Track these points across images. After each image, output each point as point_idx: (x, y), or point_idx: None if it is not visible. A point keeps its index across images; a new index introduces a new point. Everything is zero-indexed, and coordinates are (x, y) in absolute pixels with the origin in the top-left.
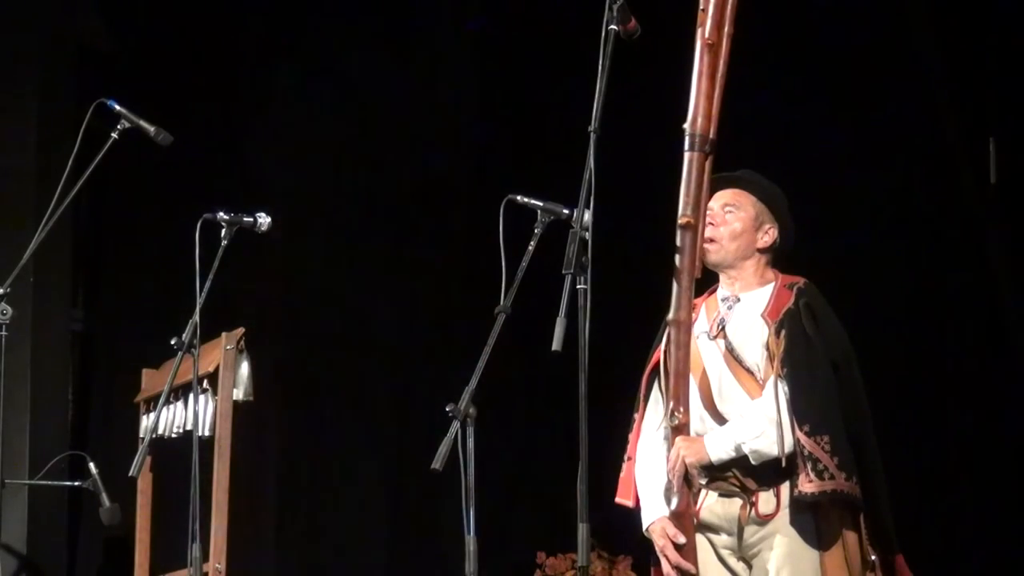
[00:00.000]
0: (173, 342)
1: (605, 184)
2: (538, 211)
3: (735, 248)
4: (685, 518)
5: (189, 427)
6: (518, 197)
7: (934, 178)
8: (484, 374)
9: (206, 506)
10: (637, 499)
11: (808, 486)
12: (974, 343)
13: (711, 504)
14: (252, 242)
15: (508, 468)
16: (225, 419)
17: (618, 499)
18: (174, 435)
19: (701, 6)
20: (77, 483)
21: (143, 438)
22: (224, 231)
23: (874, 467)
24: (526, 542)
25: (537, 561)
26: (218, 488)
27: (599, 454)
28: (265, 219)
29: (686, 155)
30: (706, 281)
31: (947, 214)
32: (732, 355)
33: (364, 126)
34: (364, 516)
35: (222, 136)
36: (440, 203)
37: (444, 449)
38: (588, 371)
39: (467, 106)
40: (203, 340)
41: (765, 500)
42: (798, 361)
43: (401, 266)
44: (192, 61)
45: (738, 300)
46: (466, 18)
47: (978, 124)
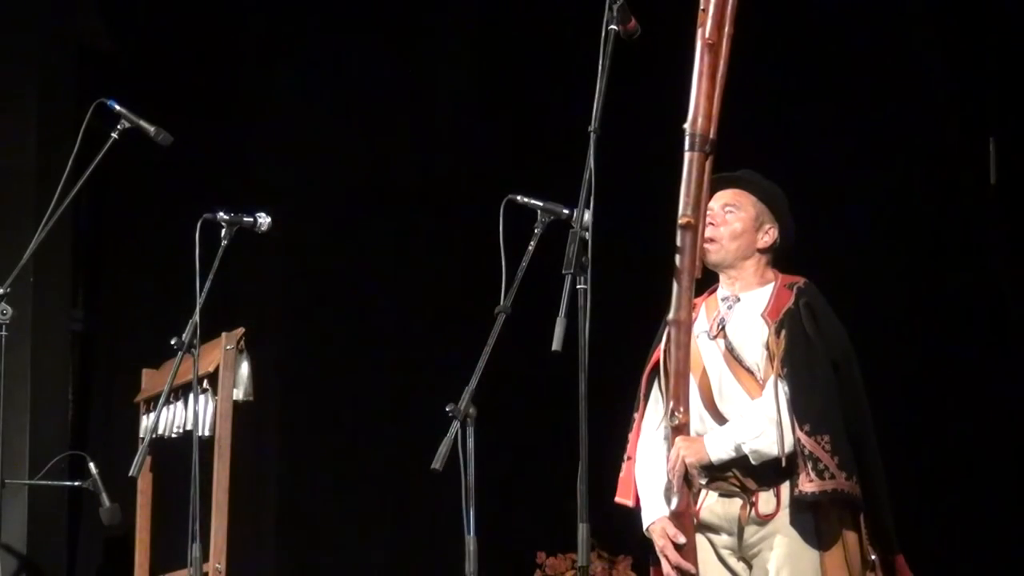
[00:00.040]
0: (173, 342)
1: (605, 184)
2: (538, 211)
3: (735, 248)
4: (685, 518)
5: (189, 427)
6: (518, 197)
7: (934, 178)
8: (484, 374)
9: (206, 506)
10: (637, 499)
11: (809, 486)
12: (974, 343)
13: (711, 504)
14: (252, 242)
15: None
16: (225, 419)
17: (618, 498)
18: (174, 435)
19: (701, 6)
20: (77, 483)
21: (143, 438)
22: (224, 231)
23: (874, 467)
24: (526, 542)
25: (537, 561)
26: (218, 488)
27: (599, 454)
28: (265, 219)
29: (686, 155)
30: (706, 281)
31: (947, 214)
32: (732, 355)
33: (364, 126)
34: (364, 516)
35: (222, 136)
36: (440, 203)
37: (444, 449)
38: (588, 371)
39: (467, 106)
40: (203, 340)
41: (765, 500)
42: (798, 361)
43: (401, 266)
44: (192, 61)
45: (738, 300)
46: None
47: (978, 124)
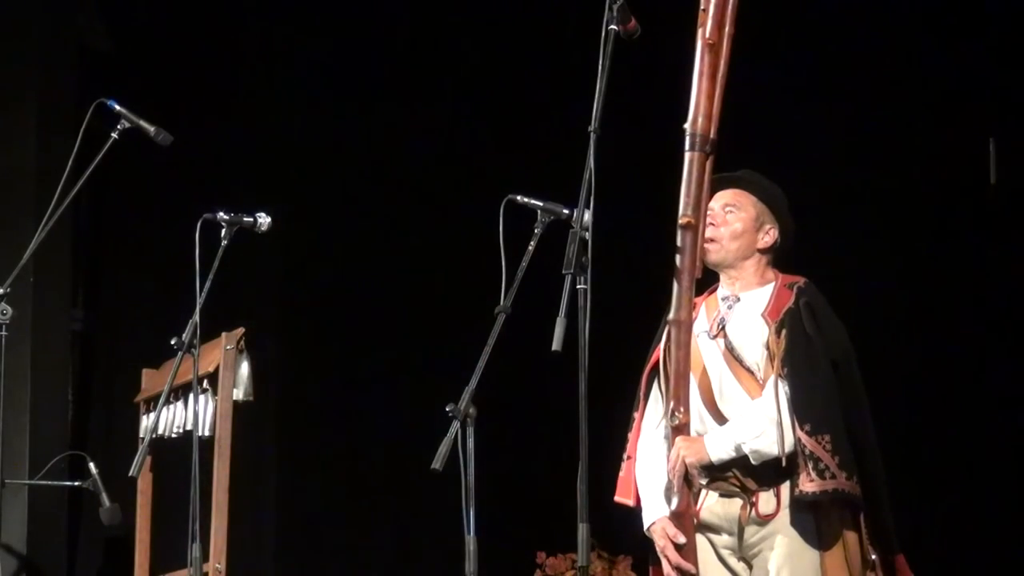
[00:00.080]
0: (173, 342)
1: (605, 184)
2: (538, 211)
3: (736, 248)
4: (685, 518)
5: (189, 427)
6: (518, 197)
7: (934, 178)
8: (484, 374)
9: (206, 506)
10: (637, 498)
11: (809, 485)
12: (974, 343)
13: (711, 504)
14: (252, 242)
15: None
16: (225, 419)
17: (617, 498)
18: (174, 435)
19: (702, 6)
20: (77, 483)
21: (143, 438)
22: (224, 231)
23: (874, 466)
24: (526, 542)
25: (537, 561)
26: (218, 488)
27: (599, 454)
28: (265, 219)
29: (687, 155)
30: (706, 280)
31: (947, 214)
32: (732, 354)
33: (364, 126)
34: (364, 516)
35: (222, 136)
36: (440, 203)
37: (444, 449)
38: (588, 371)
39: (467, 106)
40: (203, 340)
41: (765, 500)
42: (799, 360)
43: (401, 266)
44: (192, 61)
45: (738, 300)
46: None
47: (978, 124)
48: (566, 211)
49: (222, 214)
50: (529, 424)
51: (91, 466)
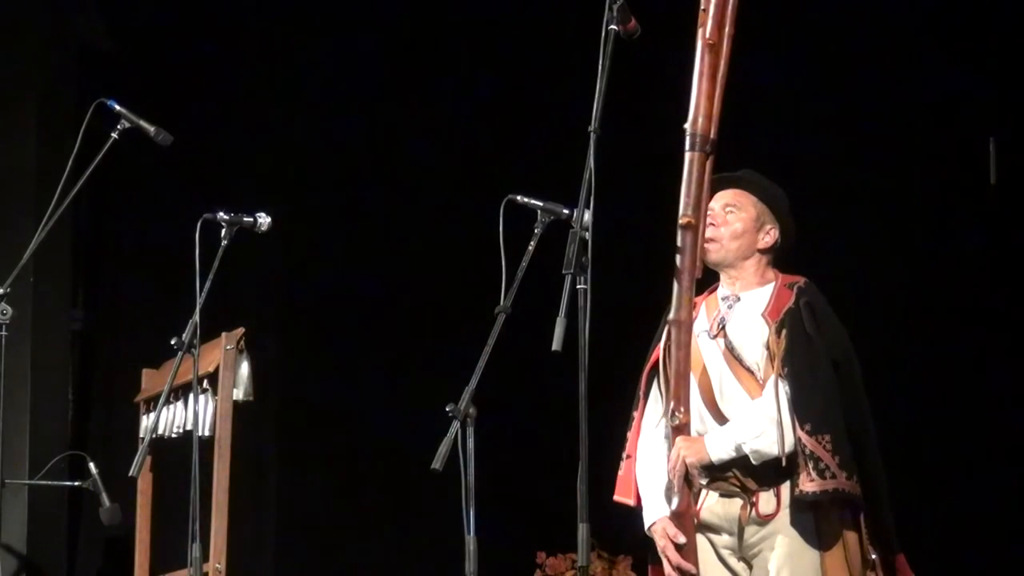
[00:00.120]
0: (173, 342)
1: (605, 184)
2: (538, 211)
3: (736, 248)
4: (686, 518)
5: (189, 427)
6: (518, 197)
7: (934, 178)
8: (484, 374)
9: (206, 506)
10: (638, 497)
11: (810, 485)
12: (974, 343)
13: (711, 504)
14: (252, 242)
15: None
16: (225, 419)
17: (617, 497)
18: (174, 435)
19: (702, 6)
20: (77, 483)
21: (143, 438)
22: (224, 231)
23: (874, 466)
24: (526, 542)
25: (537, 561)
26: (218, 488)
27: (599, 454)
28: (265, 219)
29: (687, 155)
30: (707, 280)
31: (947, 214)
32: (732, 354)
33: (364, 126)
34: (364, 516)
35: (222, 136)
36: (440, 203)
37: (444, 449)
38: (588, 371)
39: (467, 106)
40: (203, 340)
41: (765, 500)
42: (799, 360)
43: (401, 266)
44: (192, 61)
45: (738, 299)
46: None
47: (978, 124)
48: (566, 211)
49: (222, 214)
50: (529, 424)
51: (91, 466)
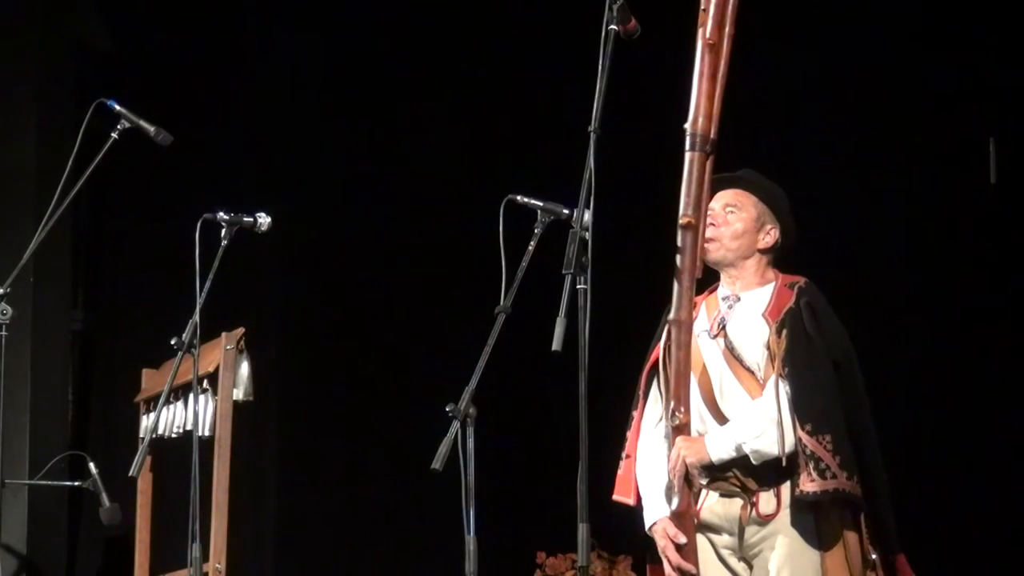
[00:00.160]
0: (173, 342)
1: (605, 184)
2: (538, 211)
3: (736, 247)
4: (686, 518)
5: (189, 427)
6: (518, 197)
7: (934, 178)
8: (484, 374)
9: (206, 506)
10: (637, 497)
11: (810, 485)
12: (974, 342)
13: (712, 504)
14: (252, 242)
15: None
16: (225, 419)
17: (616, 496)
18: (174, 435)
19: (702, 6)
20: (77, 483)
21: (143, 438)
22: (224, 231)
23: (875, 466)
24: (526, 542)
25: (537, 561)
26: (218, 488)
27: (599, 454)
28: (265, 219)
29: (687, 155)
30: (707, 280)
31: (947, 214)
32: (732, 354)
33: (364, 126)
34: (364, 516)
35: (222, 136)
36: (440, 203)
37: (444, 449)
38: (588, 371)
39: (467, 105)
40: (203, 340)
41: (766, 500)
42: (799, 360)
43: (401, 266)
44: (192, 61)
45: (739, 299)
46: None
47: (978, 124)
48: (566, 211)
49: (222, 214)
50: (529, 424)
51: (91, 466)
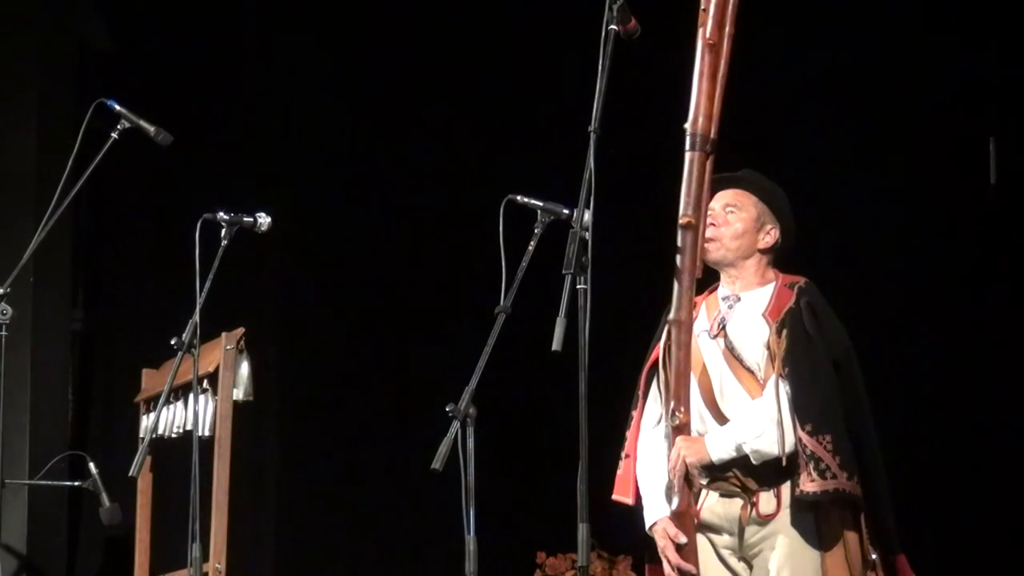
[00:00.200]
0: (173, 342)
1: (605, 184)
2: (538, 211)
3: (736, 247)
4: (686, 518)
5: (189, 427)
6: (518, 197)
7: (934, 178)
8: (484, 374)
9: (206, 506)
10: (636, 496)
11: (810, 486)
12: (974, 342)
13: (712, 504)
14: (252, 242)
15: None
16: (225, 419)
17: (615, 496)
18: (174, 435)
19: (702, 6)
20: (77, 483)
21: (143, 438)
22: (224, 231)
23: (875, 466)
24: (526, 542)
25: (537, 561)
26: (218, 488)
27: (599, 454)
28: (265, 219)
29: (687, 155)
30: (707, 280)
31: (947, 214)
32: (732, 354)
33: (364, 126)
34: (364, 516)
35: (222, 136)
36: (440, 203)
37: (444, 449)
38: (588, 371)
39: (467, 105)
40: (203, 340)
41: (766, 500)
42: (800, 360)
43: (401, 265)
44: (192, 61)
45: (739, 299)
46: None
47: (978, 124)
48: (566, 211)
49: (222, 214)
50: (529, 424)
51: (91, 466)
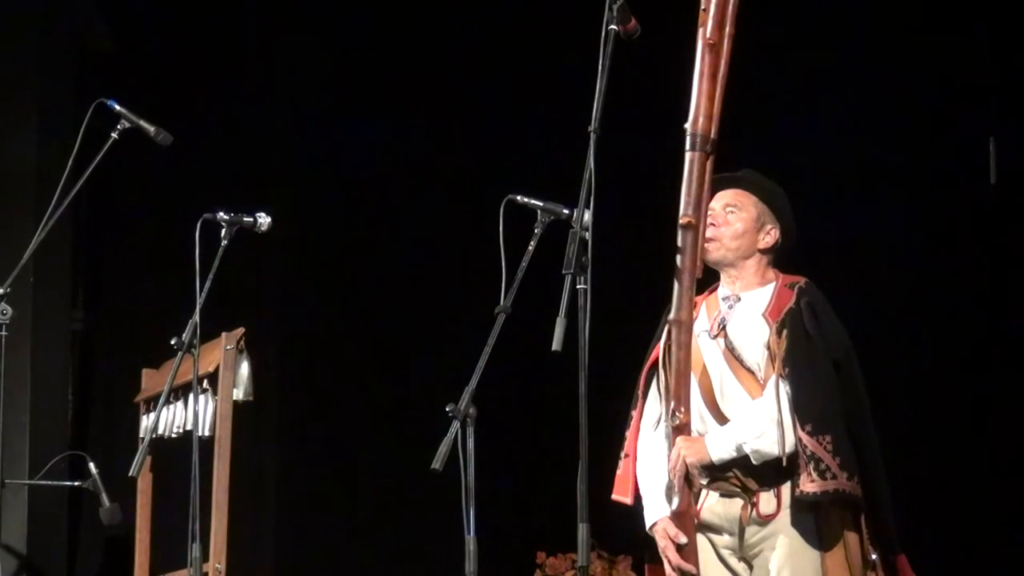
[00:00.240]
0: (173, 342)
1: (605, 184)
2: (538, 211)
3: (736, 247)
4: (686, 518)
5: (189, 427)
6: (518, 197)
7: (934, 178)
8: (484, 374)
9: (206, 506)
10: (635, 496)
11: (810, 486)
12: (974, 343)
13: (712, 504)
14: (252, 242)
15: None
16: (225, 419)
17: (615, 496)
18: (174, 435)
19: (703, 6)
20: (77, 483)
21: (143, 438)
22: (224, 231)
23: (875, 466)
24: (526, 542)
25: (537, 561)
26: (218, 488)
27: (599, 454)
28: (265, 219)
29: (687, 155)
30: (707, 280)
31: (947, 214)
32: (732, 354)
33: (363, 126)
34: (364, 516)
35: (222, 136)
36: (440, 203)
37: (444, 449)
38: (588, 371)
39: (467, 105)
40: (203, 340)
41: (766, 500)
42: (800, 360)
43: (401, 266)
44: (192, 61)
45: (739, 299)
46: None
47: (978, 124)
48: (566, 211)
49: (222, 214)
50: (529, 424)
51: (91, 466)
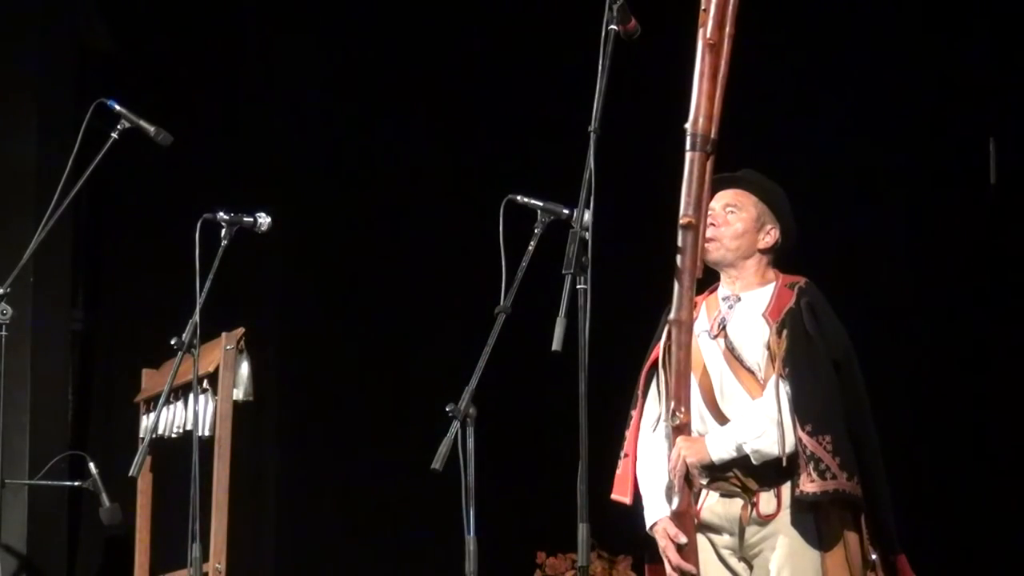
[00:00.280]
0: (173, 342)
1: (605, 184)
2: (538, 211)
3: (736, 247)
4: (686, 518)
5: (189, 427)
6: (518, 197)
7: (934, 178)
8: (484, 374)
9: (206, 506)
10: (635, 496)
11: (810, 486)
12: (974, 343)
13: (712, 504)
14: (252, 242)
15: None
16: (225, 419)
17: (614, 496)
18: (174, 435)
19: (703, 6)
20: (77, 483)
21: (143, 438)
22: (224, 231)
23: (875, 466)
24: (526, 542)
25: (537, 561)
26: (218, 488)
27: (599, 454)
28: (265, 219)
29: (687, 155)
30: (707, 280)
31: (947, 214)
32: (732, 354)
33: (364, 126)
34: (364, 516)
35: (222, 136)
36: (440, 203)
37: (444, 449)
38: (588, 371)
39: (467, 105)
40: (203, 340)
41: (766, 500)
42: (800, 361)
43: (401, 266)
44: (192, 61)
45: (739, 299)
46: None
47: (978, 124)
48: (566, 211)
49: (222, 214)
50: (529, 424)
51: (91, 466)
